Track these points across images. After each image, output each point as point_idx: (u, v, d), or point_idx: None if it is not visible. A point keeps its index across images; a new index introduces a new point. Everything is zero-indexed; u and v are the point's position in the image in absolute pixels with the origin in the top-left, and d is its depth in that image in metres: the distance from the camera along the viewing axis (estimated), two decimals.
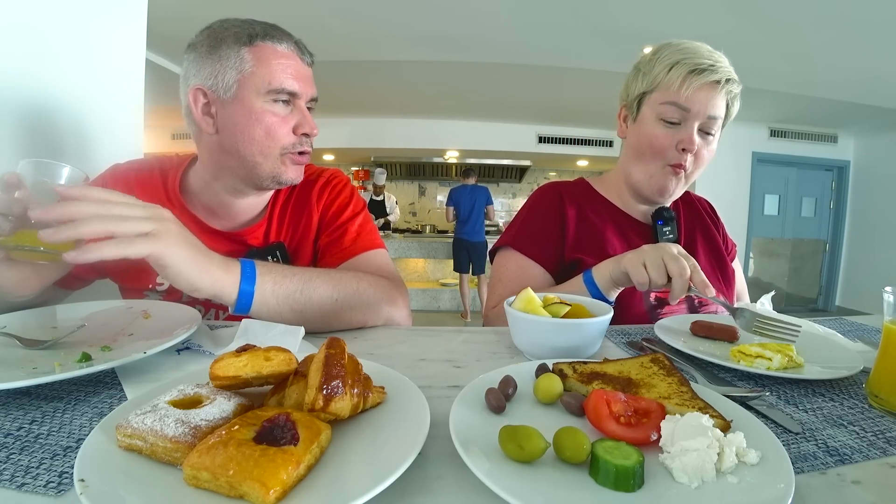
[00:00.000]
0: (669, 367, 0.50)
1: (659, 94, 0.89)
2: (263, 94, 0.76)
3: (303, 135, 0.81)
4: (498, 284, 0.98)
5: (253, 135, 0.77)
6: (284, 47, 0.78)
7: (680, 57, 0.86)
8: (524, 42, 3.42)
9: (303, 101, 0.81)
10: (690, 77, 0.85)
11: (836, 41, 3.17)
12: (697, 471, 0.32)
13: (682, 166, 0.89)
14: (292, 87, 0.78)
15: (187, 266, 0.58)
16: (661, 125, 0.89)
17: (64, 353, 0.55)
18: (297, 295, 0.68)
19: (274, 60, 0.76)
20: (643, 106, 0.92)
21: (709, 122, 0.87)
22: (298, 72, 0.79)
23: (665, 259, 0.70)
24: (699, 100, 0.85)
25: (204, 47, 0.76)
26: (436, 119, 5.99)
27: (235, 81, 0.75)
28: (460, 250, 5.04)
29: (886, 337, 0.50)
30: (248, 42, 0.75)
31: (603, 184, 1.06)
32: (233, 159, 0.79)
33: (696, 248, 1.02)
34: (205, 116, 0.78)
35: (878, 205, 5.79)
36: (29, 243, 0.60)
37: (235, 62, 0.75)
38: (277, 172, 0.80)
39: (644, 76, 0.92)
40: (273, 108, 0.77)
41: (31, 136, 0.94)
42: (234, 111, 0.76)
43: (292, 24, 0.84)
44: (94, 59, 1.08)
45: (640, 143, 0.92)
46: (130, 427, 0.34)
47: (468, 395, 0.44)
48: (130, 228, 0.54)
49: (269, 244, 0.87)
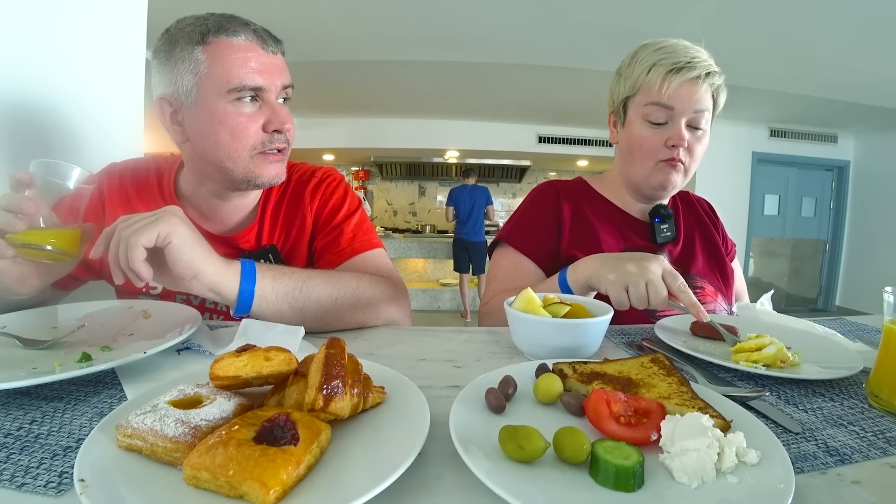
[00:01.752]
0: (669, 367, 0.50)
1: (641, 96, 0.90)
2: (224, 94, 0.70)
3: (274, 131, 0.75)
4: (493, 280, 1.00)
5: (218, 139, 0.72)
6: (242, 39, 0.71)
7: (657, 58, 0.87)
8: (524, 42, 3.41)
9: (272, 93, 0.74)
10: (670, 76, 0.85)
11: (836, 41, 3.16)
12: (697, 471, 0.32)
13: (677, 159, 0.89)
14: (255, 82, 0.71)
15: (192, 245, 0.59)
16: (648, 126, 0.90)
17: (64, 353, 0.55)
18: (296, 293, 0.68)
19: (230, 56, 0.70)
20: (629, 110, 0.93)
21: (696, 116, 0.87)
22: (262, 63, 0.73)
23: (648, 285, 0.67)
24: (682, 97, 0.86)
25: (162, 53, 0.73)
26: (436, 119, 5.99)
27: (194, 85, 0.70)
28: (460, 250, 5.04)
29: (886, 337, 0.50)
30: (200, 41, 0.70)
31: (601, 183, 1.07)
32: (208, 165, 0.76)
33: (694, 247, 1.02)
34: (173, 125, 0.75)
35: (878, 205, 5.79)
36: (37, 242, 0.61)
37: (190, 64, 0.70)
38: (252, 175, 0.75)
39: (625, 80, 0.93)
40: (237, 108, 0.72)
41: (30, 136, 0.93)
42: (197, 116, 0.72)
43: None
44: (93, 59, 1.08)
45: (631, 147, 0.93)
46: (130, 427, 0.34)
47: (468, 395, 0.44)
48: (139, 224, 0.58)
49: (262, 247, 0.86)
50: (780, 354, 0.57)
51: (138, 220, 0.58)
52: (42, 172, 0.63)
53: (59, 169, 0.63)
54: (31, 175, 0.62)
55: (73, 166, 0.64)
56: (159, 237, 0.57)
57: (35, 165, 0.63)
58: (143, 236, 0.56)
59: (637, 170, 0.94)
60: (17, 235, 0.60)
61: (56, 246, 0.62)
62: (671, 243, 1.00)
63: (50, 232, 0.62)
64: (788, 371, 0.56)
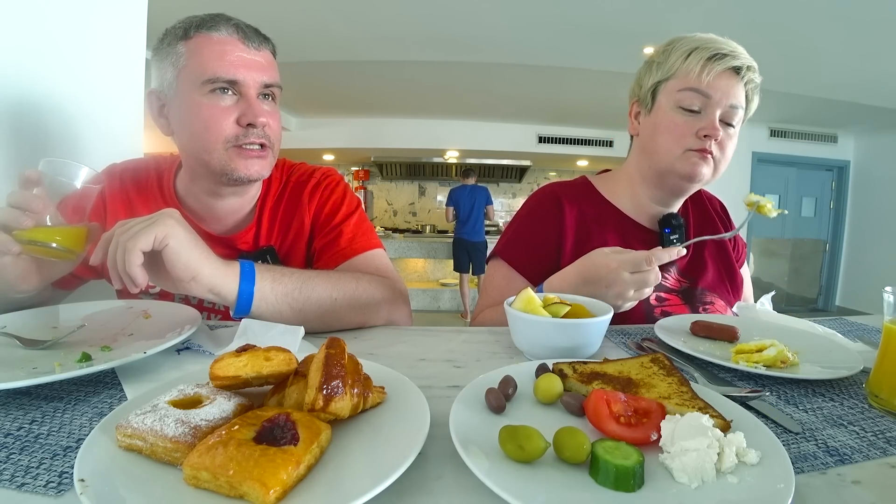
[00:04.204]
0: (669, 367, 0.50)
1: (676, 81, 0.83)
2: (199, 85, 0.72)
3: (248, 125, 0.74)
4: (484, 294, 0.97)
5: (193, 129, 0.74)
6: (223, 34, 0.73)
7: (697, 44, 0.83)
8: (524, 42, 3.42)
9: (250, 89, 0.74)
10: (710, 63, 0.80)
11: (836, 41, 3.17)
12: (697, 471, 0.32)
13: (708, 150, 0.82)
14: (228, 75, 0.72)
15: (189, 247, 0.59)
16: (681, 113, 0.83)
17: (64, 353, 0.55)
18: (295, 293, 0.68)
19: (207, 49, 0.72)
20: (658, 95, 0.87)
21: (730, 111, 0.82)
22: (240, 58, 0.73)
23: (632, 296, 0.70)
24: (720, 87, 0.80)
25: (155, 50, 0.77)
26: (436, 119, 5.99)
27: (174, 78, 0.73)
28: (460, 250, 5.04)
29: (886, 337, 0.50)
30: (184, 36, 0.73)
31: (607, 185, 0.99)
32: (190, 158, 0.78)
33: (703, 256, 0.97)
34: (160, 118, 0.78)
35: (878, 205, 5.79)
36: (43, 239, 0.61)
37: (173, 58, 0.73)
38: (228, 168, 0.75)
39: (658, 66, 0.87)
40: (212, 100, 0.72)
41: (32, 135, 0.94)
42: (177, 108, 0.75)
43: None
44: (94, 59, 1.08)
45: (658, 131, 0.86)
46: (130, 427, 0.34)
47: (468, 395, 0.44)
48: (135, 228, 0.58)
49: (260, 248, 0.86)
50: (781, 356, 0.57)
51: (135, 224, 0.58)
52: (50, 171, 0.63)
53: (67, 168, 0.64)
54: (39, 173, 0.63)
55: (80, 165, 0.65)
56: (156, 240, 0.57)
57: (44, 164, 0.64)
58: (140, 241, 0.56)
59: (662, 156, 0.86)
60: (23, 232, 0.60)
61: (61, 244, 0.63)
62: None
63: (56, 230, 0.63)
64: (788, 371, 0.56)
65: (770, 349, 0.57)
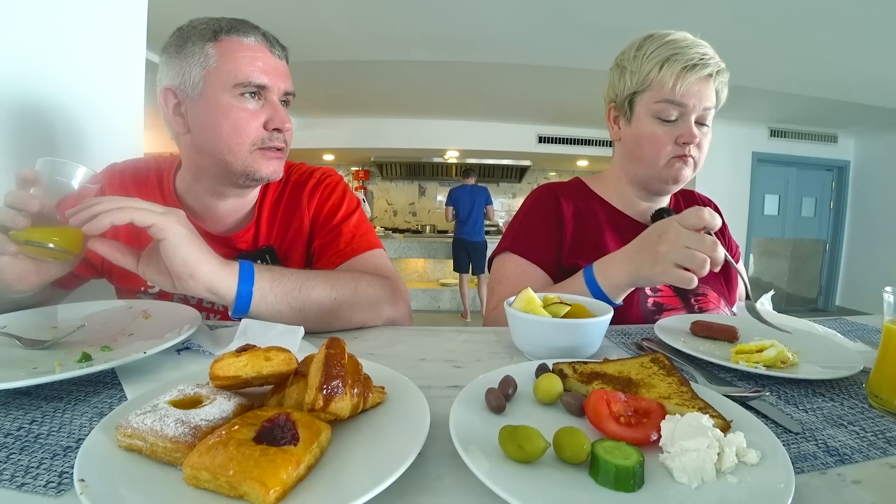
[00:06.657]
0: (669, 367, 0.50)
1: (652, 93, 0.88)
2: (230, 88, 0.74)
3: (274, 130, 0.78)
4: (497, 286, 0.97)
5: (220, 131, 0.75)
6: (252, 40, 0.76)
7: (668, 53, 0.86)
8: (524, 42, 3.41)
9: (274, 94, 0.78)
10: (684, 73, 0.84)
11: (836, 41, 3.16)
12: (697, 471, 0.32)
13: (688, 154, 0.88)
14: (260, 80, 0.75)
15: (186, 246, 0.60)
16: (660, 124, 0.88)
17: (64, 353, 0.55)
18: (295, 293, 0.68)
19: (239, 54, 0.74)
20: (636, 106, 0.91)
21: (704, 113, 0.88)
22: (268, 64, 0.77)
23: (692, 248, 0.65)
24: (694, 94, 0.85)
25: (172, 48, 0.76)
26: (436, 119, 5.99)
27: (202, 78, 0.74)
28: (460, 250, 5.04)
29: (886, 337, 0.50)
30: (212, 38, 0.74)
31: (600, 183, 1.04)
32: (206, 158, 0.78)
33: None
34: (175, 116, 0.78)
35: (878, 205, 5.79)
36: (40, 239, 0.61)
37: (200, 59, 0.74)
38: (250, 169, 0.77)
39: (632, 74, 0.90)
40: (241, 103, 0.75)
41: (30, 136, 0.93)
42: (201, 108, 0.75)
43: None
44: (94, 59, 1.08)
45: (641, 144, 0.91)
46: (130, 427, 0.34)
47: (468, 395, 0.44)
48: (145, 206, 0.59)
49: (259, 248, 0.86)
50: (781, 356, 0.57)
51: (148, 204, 0.59)
52: (48, 171, 0.63)
53: (64, 168, 0.64)
54: (36, 173, 0.62)
55: (78, 165, 0.64)
56: (154, 227, 0.57)
57: (41, 163, 0.63)
58: (138, 213, 0.57)
59: (648, 166, 0.92)
60: (20, 232, 0.60)
61: (58, 244, 0.62)
62: None
63: (53, 230, 0.62)
64: (788, 371, 0.56)
65: (770, 349, 0.57)
